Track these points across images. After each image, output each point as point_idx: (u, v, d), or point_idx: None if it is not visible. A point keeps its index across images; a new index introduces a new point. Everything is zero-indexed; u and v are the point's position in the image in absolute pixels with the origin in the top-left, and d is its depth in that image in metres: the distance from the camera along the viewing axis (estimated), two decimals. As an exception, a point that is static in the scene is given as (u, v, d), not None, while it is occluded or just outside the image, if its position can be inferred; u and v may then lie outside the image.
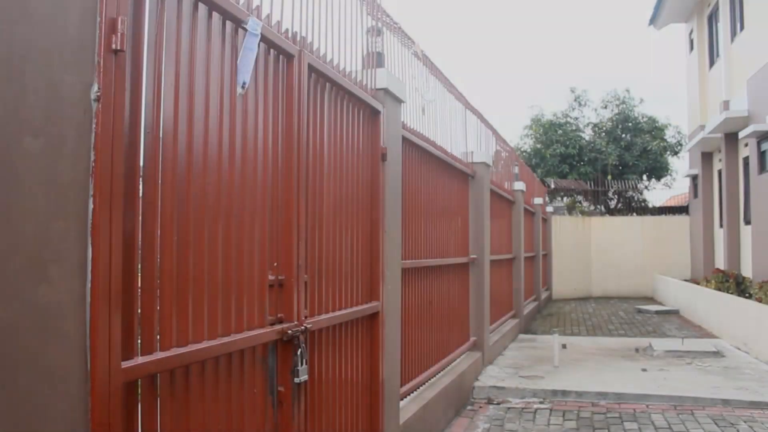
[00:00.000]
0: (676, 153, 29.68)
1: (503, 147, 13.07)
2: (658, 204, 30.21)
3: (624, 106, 30.32)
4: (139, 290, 2.33)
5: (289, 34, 3.49)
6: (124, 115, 2.17)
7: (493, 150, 11.60)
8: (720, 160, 18.88)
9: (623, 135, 29.80)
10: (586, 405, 7.96)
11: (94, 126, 2.02)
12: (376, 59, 5.06)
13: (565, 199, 28.26)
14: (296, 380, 3.35)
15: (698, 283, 17.40)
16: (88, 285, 2.00)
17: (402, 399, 5.85)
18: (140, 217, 2.34)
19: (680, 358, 10.75)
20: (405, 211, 5.94)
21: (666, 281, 21.19)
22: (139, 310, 2.33)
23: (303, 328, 3.45)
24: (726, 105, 17.28)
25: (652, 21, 23.44)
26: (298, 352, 3.36)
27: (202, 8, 2.73)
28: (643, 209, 28.41)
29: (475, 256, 9.42)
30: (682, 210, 26.59)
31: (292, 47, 3.42)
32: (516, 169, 14.65)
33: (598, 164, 28.57)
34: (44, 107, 1.86)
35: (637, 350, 11.39)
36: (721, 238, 19.05)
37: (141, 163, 2.33)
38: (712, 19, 20.19)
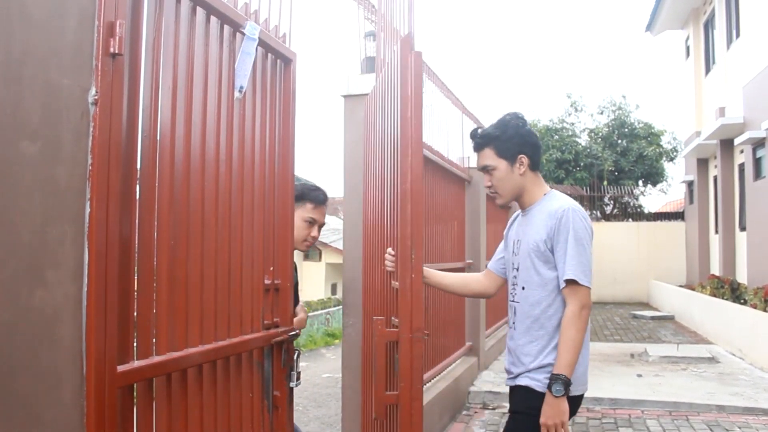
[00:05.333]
0: (671, 159, 29.72)
1: (499, 152, 13.05)
2: (653, 210, 30.29)
3: (620, 112, 30.37)
4: (136, 294, 2.33)
5: (287, 39, 3.49)
6: (121, 118, 2.16)
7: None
8: (715, 167, 18.91)
9: (619, 141, 29.85)
10: (582, 410, 7.96)
11: (91, 129, 2.02)
12: (370, 64, 5.07)
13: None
14: (292, 385, 3.34)
15: (693, 289, 17.42)
16: (85, 289, 1.99)
17: (397, 404, 5.84)
18: (137, 221, 2.33)
19: (675, 363, 10.76)
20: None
21: (661, 287, 21.21)
22: (135, 314, 2.33)
23: (298, 332, 3.45)
24: (722, 111, 17.31)
25: (649, 27, 23.51)
26: (294, 357, 3.36)
27: (200, 12, 2.73)
28: (639, 215, 28.45)
29: (471, 261, 9.41)
30: (677, 216, 26.63)
31: (289, 52, 3.42)
32: (512, 174, 14.63)
33: (594, 170, 28.61)
34: (42, 111, 1.85)
35: (632, 356, 11.40)
36: (716, 244, 19.08)
37: (138, 167, 2.32)
38: (708, 26, 20.25)
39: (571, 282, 3.24)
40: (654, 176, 29.51)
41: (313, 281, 32.92)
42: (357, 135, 5.42)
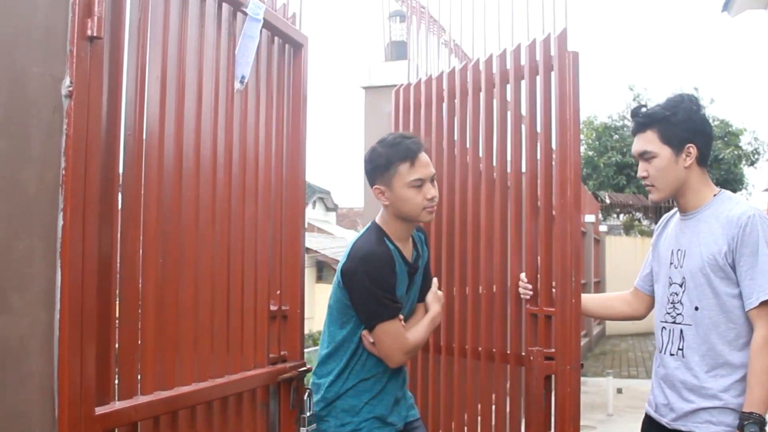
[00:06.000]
0: (752, 163, 29.50)
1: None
2: (732, 223, 30.02)
3: (692, 106, 30.17)
4: (117, 322, 2.31)
5: (297, 20, 3.47)
6: (101, 114, 2.15)
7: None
8: None
9: (690, 141, 29.68)
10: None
11: (65, 127, 2.01)
12: (396, 49, 5.07)
13: (621, 216, 28.12)
14: (303, 429, 3.32)
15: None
16: (57, 316, 1.98)
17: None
18: (119, 236, 2.32)
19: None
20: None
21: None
22: (117, 346, 2.31)
23: (309, 368, 3.42)
24: (814, 105, 17.15)
25: (726, 7, 23.29)
26: (305, 397, 3.33)
27: (194, -12, 2.72)
28: (715, 228, 28.20)
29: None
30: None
31: (300, 35, 3.41)
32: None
33: (661, 175, 28.43)
34: (6, 104, 1.84)
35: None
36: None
37: (120, 172, 2.31)
38: (797, 3, 20.06)
39: (766, 303, 3.12)
40: (731, 183, 29.27)
41: (324, 308, 32.97)
42: (380, 133, 5.38)
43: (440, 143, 4.53)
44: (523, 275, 3.89)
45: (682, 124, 3.33)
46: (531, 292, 3.83)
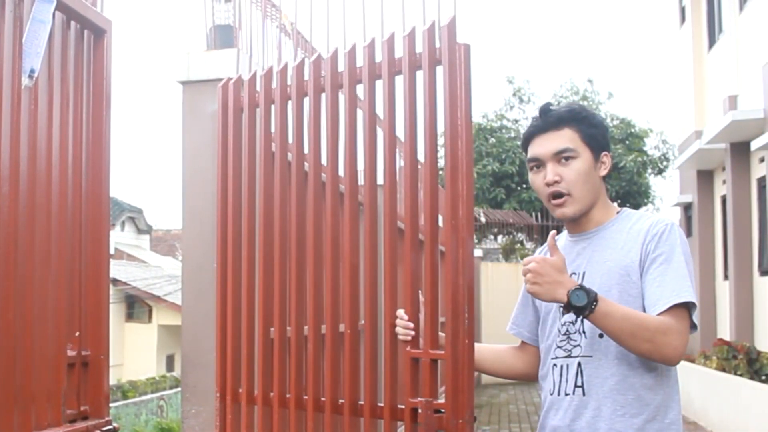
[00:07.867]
0: (660, 172, 30.07)
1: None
2: (635, 245, 30.60)
3: (585, 103, 30.74)
4: None
5: (99, 0, 3.51)
6: None
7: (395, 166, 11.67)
8: (724, 182, 19.08)
9: (585, 145, 30.14)
10: None
11: None
12: (221, 35, 5.16)
13: (500, 238, 28.41)
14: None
15: (693, 361, 17.70)
16: None
17: None
18: None
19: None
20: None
21: (646, 358, 21.35)
22: None
23: (116, 426, 3.45)
24: (732, 102, 17.47)
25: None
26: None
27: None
28: (615, 253, 28.67)
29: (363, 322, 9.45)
30: (669, 253, 26.99)
31: (102, 19, 3.49)
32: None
33: (549, 187, 28.74)
34: None
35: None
36: (725, 294, 19.23)
37: None
38: (714, -20, 20.54)
39: (681, 307, 3.16)
40: (635, 196, 29.82)
41: (140, 352, 32.24)
42: (203, 137, 5.41)
43: (285, 151, 4.61)
44: (401, 311, 3.92)
45: (600, 127, 3.52)
46: (412, 332, 3.86)
